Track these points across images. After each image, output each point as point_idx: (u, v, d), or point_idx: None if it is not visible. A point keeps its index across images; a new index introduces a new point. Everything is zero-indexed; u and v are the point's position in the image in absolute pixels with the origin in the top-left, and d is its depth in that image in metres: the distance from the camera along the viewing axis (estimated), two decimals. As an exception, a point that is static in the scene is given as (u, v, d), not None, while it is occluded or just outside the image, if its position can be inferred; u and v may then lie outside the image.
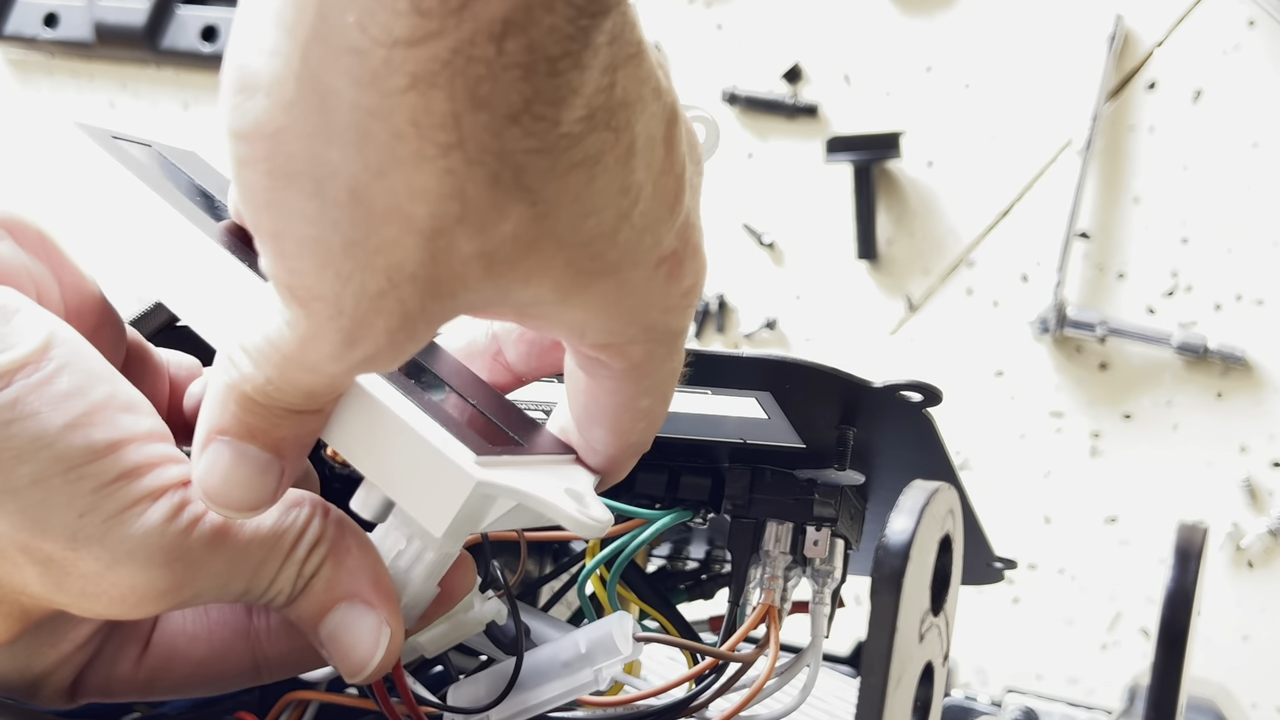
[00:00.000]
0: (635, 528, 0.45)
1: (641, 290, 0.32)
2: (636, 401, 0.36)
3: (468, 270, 0.29)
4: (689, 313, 0.34)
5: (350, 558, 0.35)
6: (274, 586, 0.35)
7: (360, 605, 0.35)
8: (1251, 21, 1.15)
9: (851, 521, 0.46)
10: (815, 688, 0.43)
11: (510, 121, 0.27)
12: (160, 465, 0.33)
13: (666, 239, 0.32)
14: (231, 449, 0.32)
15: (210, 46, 1.43)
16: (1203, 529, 0.47)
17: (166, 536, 0.32)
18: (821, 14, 1.27)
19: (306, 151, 0.27)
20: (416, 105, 0.26)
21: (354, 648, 0.35)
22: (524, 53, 0.26)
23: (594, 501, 0.36)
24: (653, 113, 0.30)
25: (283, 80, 0.27)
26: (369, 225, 0.28)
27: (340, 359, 0.30)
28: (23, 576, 0.32)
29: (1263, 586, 1.12)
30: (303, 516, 0.35)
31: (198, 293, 0.35)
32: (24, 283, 0.35)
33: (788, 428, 0.44)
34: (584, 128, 0.28)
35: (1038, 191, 1.20)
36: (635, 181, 0.30)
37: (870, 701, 0.35)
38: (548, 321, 0.33)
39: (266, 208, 0.28)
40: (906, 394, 0.42)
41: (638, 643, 0.41)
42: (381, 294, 0.29)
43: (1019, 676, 1.16)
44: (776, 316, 1.26)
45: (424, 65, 0.26)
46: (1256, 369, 1.13)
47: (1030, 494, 1.18)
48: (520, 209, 0.28)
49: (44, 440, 0.31)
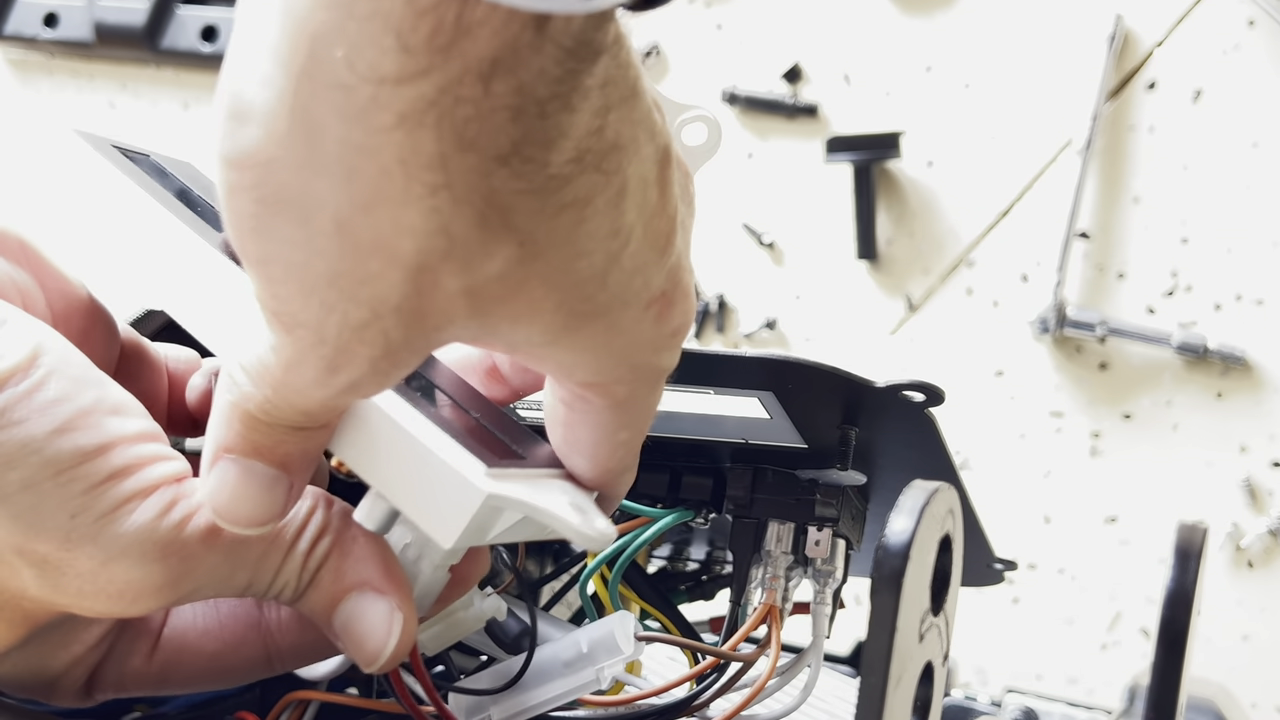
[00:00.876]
0: (637, 527, 0.45)
1: (631, 331, 0.32)
2: (615, 434, 0.36)
3: (453, 306, 0.29)
4: (676, 352, 0.34)
5: (357, 546, 0.35)
6: (279, 580, 0.35)
7: (370, 593, 0.35)
8: (1251, 21, 1.15)
9: (853, 522, 0.46)
10: (816, 688, 0.43)
11: (499, 163, 0.27)
12: (151, 463, 0.33)
13: (656, 280, 0.32)
14: (237, 466, 0.32)
15: (210, 46, 1.43)
16: (1203, 529, 0.47)
17: (159, 532, 0.33)
18: (821, 14, 1.27)
19: (295, 182, 0.27)
20: (404, 144, 0.26)
21: (367, 636, 0.35)
22: (512, 94, 0.26)
23: (596, 514, 0.36)
24: (645, 155, 0.30)
25: (274, 112, 0.27)
26: (354, 258, 0.28)
27: (323, 385, 0.30)
28: (20, 580, 0.33)
29: (1263, 586, 1.12)
30: (304, 510, 0.35)
31: (200, 303, 0.35)
32: (9, 292, 0.35)
33: (790, 428, 0.44)
34: (573, 169, 0.28)
35: (1038, 191, 1.20)
36: (626, 223, 0.30)
37: (870, 701, 0.35)
38: (535, 359, 0.33)
39: (254, 234, 0.29)
40: (909, 394, 0.42)
41: (639, 642, 0.41)
42: (365, 325, 0.29)
43: (1019, 676, 1.16)
44: (776, 316, 1.26)
45: (411, 104, 0.26)
46: (1256, 369, 1.13)
47: (1030, 494, 1.18)
48: (508, 249, 0.28)
49: (32, 446, 0.31)
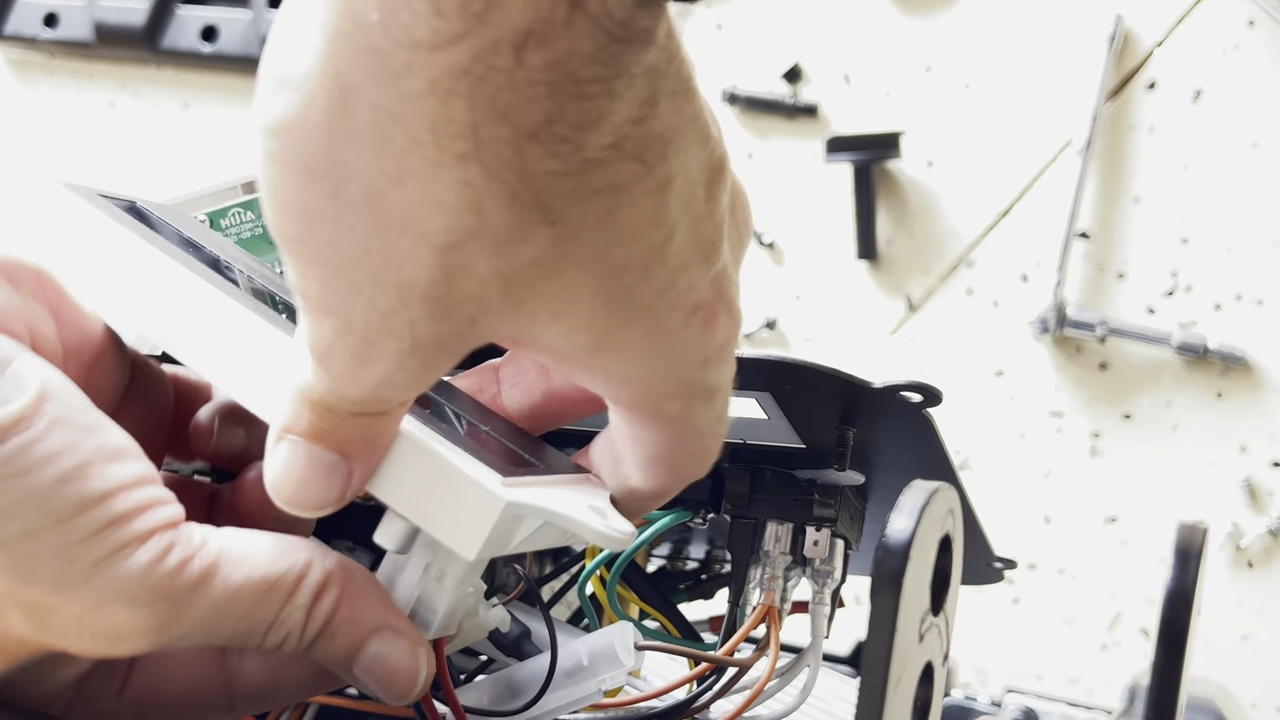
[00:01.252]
0: (636, 528, 0.45)
1: (677, 339, 0.32)
2: (672, 456, 0.36)
3: (485, 293, 0.29)
4: (726, 369, 0.34)
5: (365, 593, 0.35)
6: (276, 630, 0.34)
7: (389, 635, 0.35)
8: (1251, 21, 1.15)
9: (851, 522, 0.46)
10: (815, 688, 0.43)
11: (530, 139, 0.27)
12: (148, 509, 0.33)
13: (700, 286, 0.31)
14: (296, 448, 0.32)
15: (210, 46, 1.43)
16: (1203, 529, 0.47)
17: (153, 577, 0.32)
18: (821, 14, 1.27)
19: (327, 150, 0.27)
20: (435, 112, 0.26)
21: (397, 675, 0.35)
22: (546, 70, 0.26)
23: (615, 515, 0.36)
24: (695, 155, 0.30)
25: (311, 76, 0.27)
26: (383, 234, 0.28)
27: (354, 381, 0.30)
28: (6, 620, 0.32)
29: (1263, 586, 1.12)
30: (300, 561, 0.35)
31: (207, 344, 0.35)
32: (18, 328, 0.34)
33: (787, 428, 0.44)
34: (611, 155, 0.28)
35: (1038, 191, 1.20)
36: (669, 218, 0.30)
37: (870, 701, 0.35)
38: (583, 369, 0.33)
39: (288, 209, 0.29)
40: (906, 394, 0.42)
41: (639, 652, 0.41)
42: (392, 311, 0.29)
43: (1019, 676, 1.16)
44: (776, 316, 1.26)
45: (444, 71, 0.26)
46: (1256, 369, 1.13)
47: (1030, 494, 1.18)
48: (540, 230, 0.28)
49: (37, 497, 0.31)
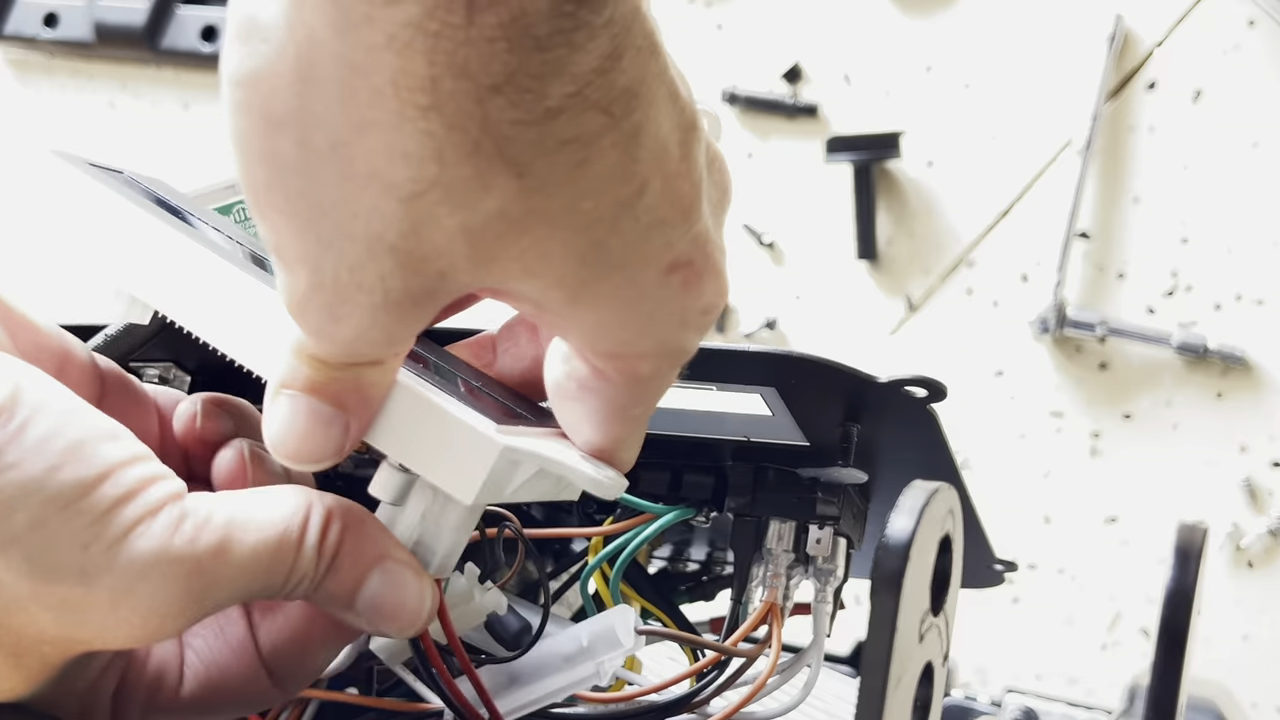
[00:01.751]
0: (638, 524, 0.45)
1: (654, 296, 0.32)
2: (629, 410, 0.35)
3: (453, 246, 0.29)
4: (703, 334, 0.34)
5: (365, 526, 0.35)
6: (296, 573, 0.34)
7: (392, 564, 0.35)
8: (1251, 21, 1.15)
9: (854, 520, 0.46)
10: (816, 687, 0.43)
11: (493, 91, 0.27)
12: (152, 483, 0.32)
13: (679, 244, 0.31)
14: (294, 402, 0.32)
15: (210, 46, 1.43)
16: (1203, 529, 0.47)
17: (174, 550, 0.32)
18: (821, 14, 1.27)
19: (295, 99, 0.28)
20: (395, 65, 0.27)
21: (403, 603, 0.35)
22: (501, 27, 0.26)
23: (605, 465, 0.36)
24: (664, 111, 0.30)
25: (278, 25, 0.27)
26: (349, 183, 0.28)
27: (329, 336, 0.31)
28: (38, 625, 0.32)
29: (1263, 586, 1.12)
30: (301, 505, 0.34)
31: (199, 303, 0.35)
32: None
33: (792, 424, 0.44)
34: (573, 103, 0.28)
35: (1038, 191, 1.20)
36: (639, 172, 0.30)
37: (870, 701, 0.35)
38: (560, 320, 0.33)
39: (257, 158, 0.29)
40: (911, 389, 0.42)
41: (639, 636, 0.41)
42: (360, 265, 0.29)
43: (1019, 676, 1.16)
44: (776, 316, 1.26)
45: (400, 25, 0.26)
46: (1256, 369, 1.13)
47: (1030, 494, 1.18)
48: (505, 182, 0.28)
49: (32, 486, 0.31)
